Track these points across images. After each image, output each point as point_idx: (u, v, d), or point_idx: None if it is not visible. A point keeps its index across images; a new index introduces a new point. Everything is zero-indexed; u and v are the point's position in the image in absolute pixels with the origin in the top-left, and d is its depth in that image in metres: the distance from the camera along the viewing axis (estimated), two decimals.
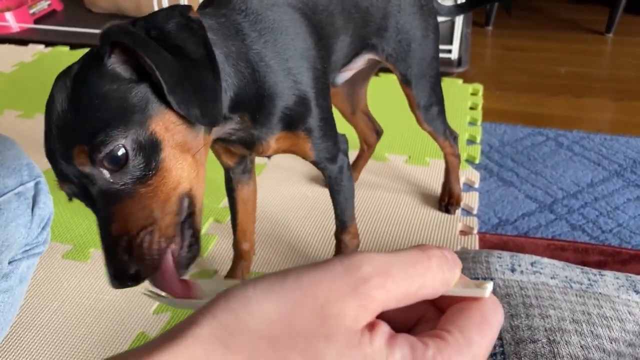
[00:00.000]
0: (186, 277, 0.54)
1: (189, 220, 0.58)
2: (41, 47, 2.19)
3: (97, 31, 0.59)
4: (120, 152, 0.52)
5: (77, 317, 1.00)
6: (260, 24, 0.72)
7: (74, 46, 2.15)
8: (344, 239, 1.00)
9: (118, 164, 0.53)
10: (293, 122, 0.77)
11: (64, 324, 0.99)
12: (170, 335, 0.27)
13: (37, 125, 1.65)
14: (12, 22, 2.33)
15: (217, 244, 1.17)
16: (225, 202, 1.28)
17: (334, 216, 1.00)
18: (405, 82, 1.01)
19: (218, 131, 0.70)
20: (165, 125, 0.56)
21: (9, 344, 0.95)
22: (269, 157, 0.89)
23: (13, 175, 0.88)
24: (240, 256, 1.03)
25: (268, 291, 0.27)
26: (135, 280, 0.52)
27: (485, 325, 0.28)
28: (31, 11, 2.41)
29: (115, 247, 0.52)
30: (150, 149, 0.54)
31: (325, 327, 0.26)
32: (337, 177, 0.91)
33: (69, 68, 0.57)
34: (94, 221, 1.05)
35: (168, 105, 0.56)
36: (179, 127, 0.58)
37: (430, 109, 1.06)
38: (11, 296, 0.87)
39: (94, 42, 0.55)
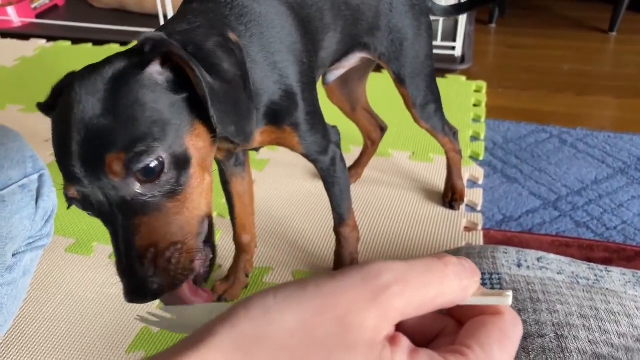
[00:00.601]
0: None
1: (209, 239, 0.58)
2: (43, 41, 2.19)
3: (98, 26, 0.59)
4: (157, 164, 0.51)
5: (80, 310, 1.00)
6: (247, 17, 0.71)
7: (75, 41, 2.15)
8: (343, 232, 0.99)
9: (152, 176, 0.51)
10: (278, 116, 0.76)
11: (67, 318, 0.99)
12: (187, 345, 0.26)
13: (39, 119, 1.63)
14: (14, 17, 2.32)
15: (220, 239, 1.17)
16: None
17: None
18: (399, 81, 1.00)
19: None
20: (197, 140, 0.56)
21: (13, 336, 0.95)
22: (257, 150, 0.88)
23: (17, 167, 0.88)
24: (241, 249, 1.03)
25: (288, 300, 0.26)
26: (155, 296, 0.51)
27: (505, 340, 0.28)
28: (33, 6, 2.40)
29: (139, 260, 0.50)
30: (182, 164, 0.54)
31: (347, 337, 0.26)
32: (329, 168, 0.90)
33: (93, 69, 0.54)
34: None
35: (200, 119, 0.56)
36: (206, 143, 0.58)
37: (426, 107, 1.05)
38: (15, 289, 0.87)
39: (95, 37, 0.55)
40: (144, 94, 0.53)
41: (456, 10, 1.23)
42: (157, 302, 0.55)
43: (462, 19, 1.87)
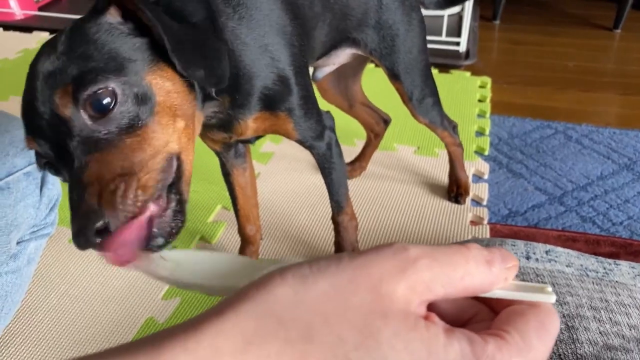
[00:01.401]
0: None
1: (176, 185, 0.52)
2: (45, 34, 2.18)
3: None
4: (108, 95, 0.48)
5: (84, 301, 0.99)
6: (234, 0, 0.70)
7: None
8: (342, 220, 0.98)
9: (104, 109, 0.48)
10: (273, 102, 0.75)
11: (71, 308, 0.98)
12: (218, 310, 0.26)
13: None
14: (17, 9, 2.32)
15: (225, 231, 1.16)
16: None
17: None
18: (392, 76, 0.99)
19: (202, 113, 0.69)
20: (162, 81, 0.54)
21: (17, 326, 0.95)
22: (251, 142, 0.87)
23: (22, 154, 0.87)
24: (247, 241, 1.02)
25: (323, 270, 0.27)
26: (100, 234, 0.43)
27: (543, 331, 0.28)
28: None
29: (83, 195, 0.45)
30: (143, 99, 0.51)
31: (381, 305, 0.26)
32: (325, 154, 0.88)
33: (60, 31, 0.54)
34: None
35: (168, 63, 0.54)
36: (176, 87, 0.55)
37: (423, 101, 1.04)
38: (19, 277, 0.86)
39: None
40: (99, 35, 0.51)
41: (448, 2, 1.22)
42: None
43: (467, 15, 1.87)
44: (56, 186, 0.92)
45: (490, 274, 0.28)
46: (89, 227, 0.43)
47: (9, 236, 0.81)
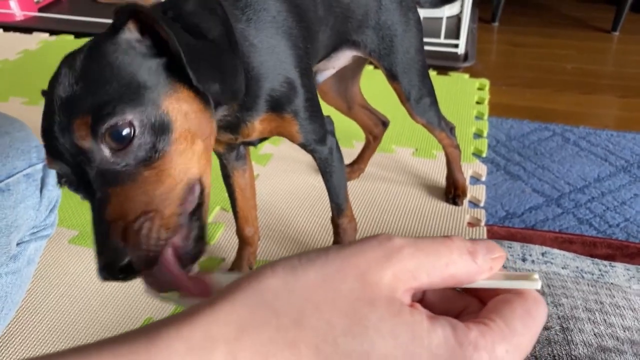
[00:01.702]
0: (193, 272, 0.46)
1: (198, 212, 0.52)
2: (46, 35, 2.19)
3: (101, 20, 0.59)
4: (126, 128, 0.48)
5: (83, 301, 1.00)
6: (242, 2, 0.71)
7: (78, 35, 2.15)
8: (341, 222, 0.99)
9: (122, 141, 0.48)
10: (279, 103, 0.75)
11: (70, 309, 0.99)
12: (211, 301, 0.26)
13: (41, 112, 1.64)
14: (17, 10, 2.32)
15: (224, 232, 1.17)
16: None
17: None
18: (391, 77, 1.00)
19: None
20: (179, 104, 0.53)
21: (16, 327, 0.95)
22: (255, 144, 0.88)
23: (22, 156, 0.87)
24: (245, 242, 1.03)
25: (312, 261, 0.28)
26: (126, 272, 0.45)
27: (529, 318, 0.28)
28: None
29: (108, 233, 0.46)
30: (160, 129, 0.50)
31: (367, 292, 0.27)
32: (327, 158, 0.89)
33: (81, 47, 0.54)
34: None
35: (184, 83, 0.54)
36: (193, 108, 0.55)
37: (420, 101, 1.05)
38: (19, 277, 0.87)
39: (98, 31, 0.54)
40: (116, 57, 0.51)
41: (443, 1, 1.22)
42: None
43: (465, 16, 1.87)
44: (56, 188, 0.93)
45: (473, 264, 0.29)
46: (114, 265, 0.45)
47: (9, 237, 0.81)
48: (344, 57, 0.98)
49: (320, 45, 0.88)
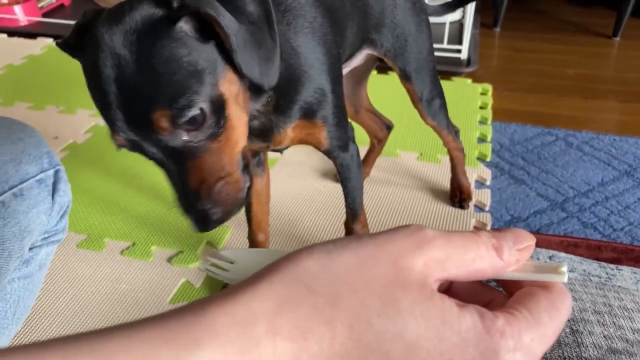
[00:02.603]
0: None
1: (246, 169, 0.64)
2: (50, 40, 2.20)
3: None
4: (200, 114, 0.55)
5: (92, 305, 1.01)
6: (282, 6, 0.73)
7: None
8: (355, 228, 1.00)
9: (197, 124, 0.55)
10: (311, 110, 0.77)
11: (79, 313, 0.99)
12: (251, 281, 0.28)
13: (47, 116, 1.65)
14: (21, 16, 2.33)
15: (232, 236, 1.17)
16: None
17: (345, 210, 1.00)
18: (404, 77, 1.02)
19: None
20: (229, 85, 0.58)
21: (25, 332, 0.96)
22: (281, 151, 0.89)
23: (34, 162, 0.88)
24: (255, 247, 1.04)
25: (347, 246, 0.29)
26: (217, 223, 0.59)
27: (554, 310, 0.29)
28: (39, 5, 2.41)
29: (196, 197, 0.57)
30: (220, 108, 0.57)
31: (401, 276, 0.28)
32: (348, 164, 0.91)
33: (119, 15, 0.54)
34: (108, 211, 1.04)
35: (230, 64, 0.58)
36: (237, 86, 0.60)
37: (432, 103, 1.07)
38: (31, 282, 0.88)
39: None
40: (178, 48, 0.54)
41: (445, 9, 1.24)
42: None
43: (468, 22, 1.89)
44: (67, 193, 0.94)
45: (499, 260, 0.30)
46: (209, 219, 0.58)
47: (22, 242, 0.82)
48: (360, 55, 0.99)
49: (347, 44, 0.90)
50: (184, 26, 0.55)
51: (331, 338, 0.26)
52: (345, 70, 1.03)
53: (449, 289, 0.34)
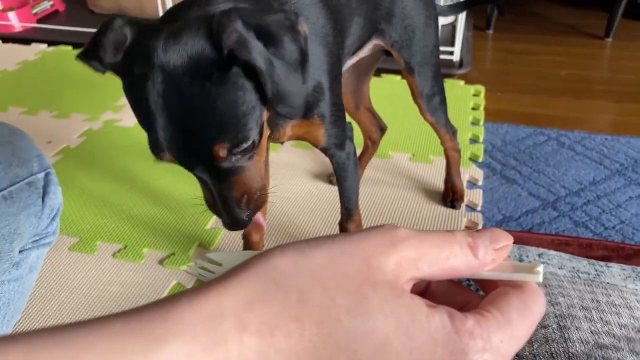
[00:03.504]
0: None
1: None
2: (44, 46, 2.20)
3: None
4: (251, 143, 0.62)
5: (84, 308, 1.01)
6: (287, 5, 0.74)
7: (76, 45, 2.16)
8: (349, 227, 1.01)
9: (246, 153, 0.63)
10: (309, 108, 0.79)
11: (71, 316, 0.99)
12: (221, 278, 0.28)
13: (41, 120, 1.65)
14: (15, 22, 2.34)
15: (223, 237, 1.17)
16: None
17: (338, 211, 1.01)
18: (408, 69, 1.03)
19: None
20: (265, 117, 0.65)
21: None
22: (281, 142, 0.90)
23: (24, 165, 0.88)
24: (249, 247, 1.04)
25: (320, 244, 0.29)
26: (247, 223, 0.68)
27: (525, 309, 0.29)
28: (34, 11, 2.42)
29: (237, 205, 0.66)
30: (260, 135, 0.65)
31: (372, 275, 0.28)
32: (344, 162, 0.92)
33: (170, 42, 0.56)
34: (100, 214, 1.03)
35: (265, 100, 0.62)
36: (267, 116, 0.66)
37: (432, 98, 1.08)
38: (21, 285, 0.87)
39: None
40: (236, 90, 0.59)
41: (452, 10, 1.25)
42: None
43: (460, 24, 1.90)
44: (58, 196, 0.94)
45: (475, 259, 0.30)
46: (241, 221, 0.67)
47: (11, 244, 0.82)
48: (368, 46, 1.00)
49: (354, 39, 0.91)
50: (237, 72, 0.58)
51: (300, 334, 0.26)
52: (354, 60, 1.04)
53: (427, 290, 0.34)
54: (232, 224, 0.68)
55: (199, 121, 0.58)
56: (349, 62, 1.04)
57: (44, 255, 0.95)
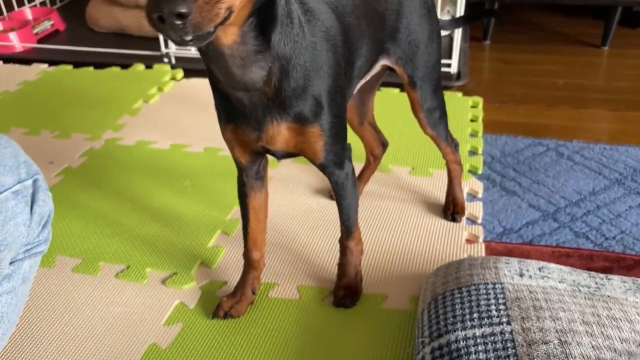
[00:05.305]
0: None
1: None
2: (45, 66, 2.22)
3: (99, 50, 0.62)
4: None
5: (88, 329, 1.01)
6: (306, 5, 0.79)
7: (77, 65, 2.18)
8: (349, 244, 1.02)
9: None
10: (305, 117, 0.81)
11: (75, 337, 0.99)
12: None
13: (43, 141, 1.66)
14: (16, 42, 2.36)
15: (225, 256, 1.18)
16: (232, 214, 1.29)
17: (339, 227, 1.01)
18: (411, 84, 1.04)
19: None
20: None
21: (20, 356, 0.96)
22: (278, 156, 0.90)
23: (10, 173, 0.86)
24: (250, 265, 1.04)
25: None
26: (179, 17, 0.53)
27: None
28: (34, 31, 2.44)
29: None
30: None
31: None
32: (343, 182, 0.93)
33: None
34: (102, 235, 1.05)
35: None
36: None
37: (433, 113, 1.09)
38: (14, 297, 0.86)
39: (96, 60, 0.57)
40: None
41: (454, 24, 1.26)
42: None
43: (457, 36, 1.91)
44: (47, 203, 0.92)
45: None
46: (179, 29, 0.54)
47: None
48: (376, 67, 1.02)
49: (364, 61, 0.93)
50: None
51: None
52: (363, 81, 1.05)
53: None
54: (168, 27, 0.55)
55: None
56: (359, 84, 1.05)
57: (37, 265, 0.94)
